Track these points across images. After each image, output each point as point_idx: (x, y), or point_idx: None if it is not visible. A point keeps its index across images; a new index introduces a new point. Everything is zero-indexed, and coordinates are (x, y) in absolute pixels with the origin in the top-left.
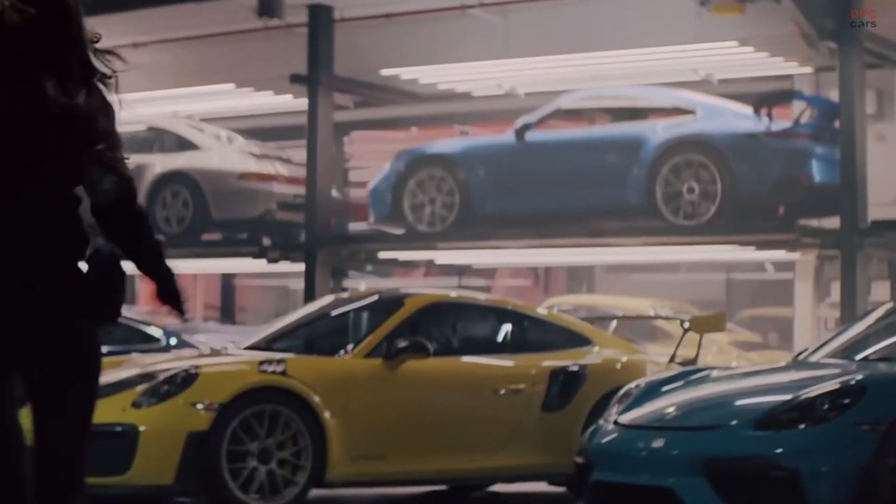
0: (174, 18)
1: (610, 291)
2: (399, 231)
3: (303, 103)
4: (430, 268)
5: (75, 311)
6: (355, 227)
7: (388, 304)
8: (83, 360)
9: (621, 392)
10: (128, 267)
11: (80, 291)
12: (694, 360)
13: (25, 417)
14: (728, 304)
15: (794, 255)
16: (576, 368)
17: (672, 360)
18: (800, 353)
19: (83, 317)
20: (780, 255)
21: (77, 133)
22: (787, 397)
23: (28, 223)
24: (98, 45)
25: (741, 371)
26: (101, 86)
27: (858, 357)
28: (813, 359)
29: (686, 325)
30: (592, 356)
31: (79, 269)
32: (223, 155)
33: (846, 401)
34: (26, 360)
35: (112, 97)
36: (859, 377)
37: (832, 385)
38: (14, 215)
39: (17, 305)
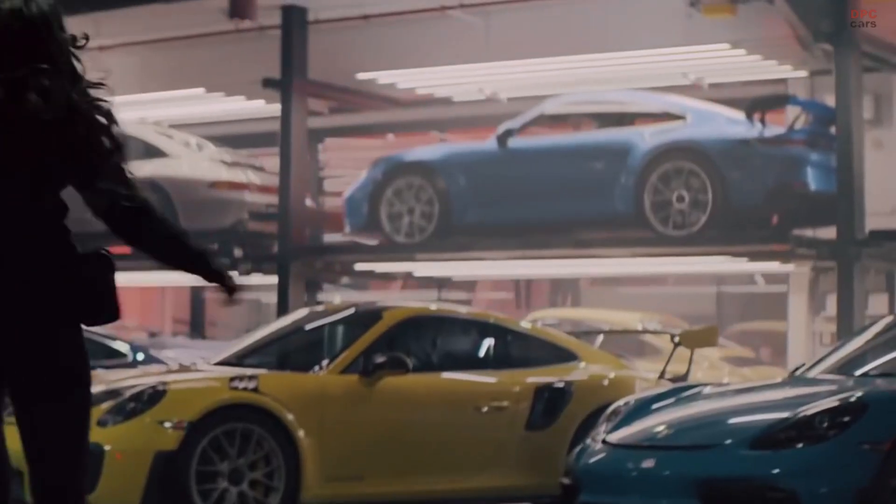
0: (141, 20)
1: (595, 305)
2: (376, 242)
3: (276, 109)
4: (409, 280)
5: (53, 315)
6: (330, 237)
7: (364, 317)
8: (61, 377)
9: (610, 410)
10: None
11: (57, 295)
12: (685, 377)
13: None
14: (719, 317)
15: (788, 267)
16: (561, 385)
17: (662, 376)
18: (796, 369)
19: (65, 322)
20: (773, 266)
21: (39, 139)
22: (785, 415)
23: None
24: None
25: (735, 388)
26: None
27: (858, 373)
28: (810, 375)
29: (677, 339)
30: (579, 372)
31: (57, 274)
32: (193, 163)
33: (846, 419)
34: (4, 371)
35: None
36: (859, 394)
37: (831, 402)
38: None
39: None
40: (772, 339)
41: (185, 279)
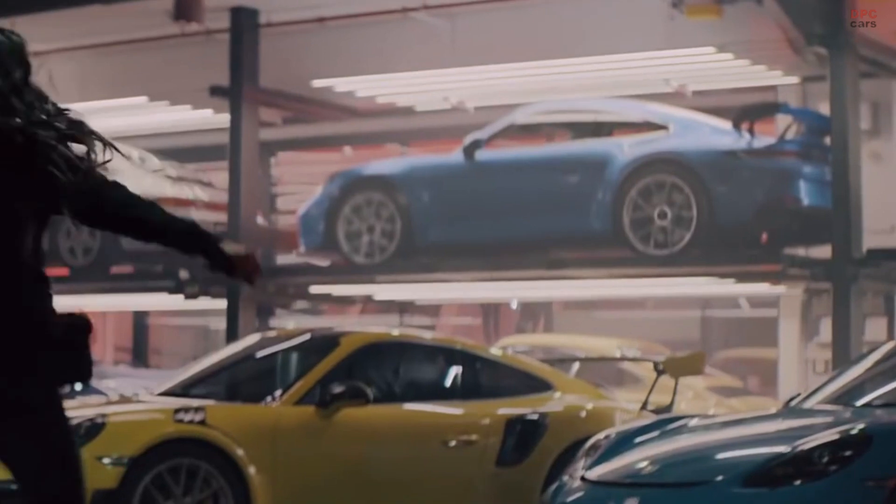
0: (79, 24)
1: (569, 330)
2: (332, 263)
3: (224, 119)
4: (368, 304)
5: (27, 377)
6: (284, 258)
7: (321, 343)
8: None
9: (588, 444)
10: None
11: (32, 360)
12: (669, 407)
13: None
14: (703, 344)
15: (779, 289)
16: (535, 417)
17: (644, 406)
18: (791, 399)
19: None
20: (762, 288)
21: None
22: (781, 449)
23: None
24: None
25: (724, 419)
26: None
27: (858, 403)
28: (806, 405)
29: (660, 367)
30: (554, 403)
31: (33, 338)
32: (135, 177)
33: (848, 453)
34: None
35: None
36: (862, 426)
37: (831, 435)
38: None
39: None
40: (760, 367)
41: (127, 303)
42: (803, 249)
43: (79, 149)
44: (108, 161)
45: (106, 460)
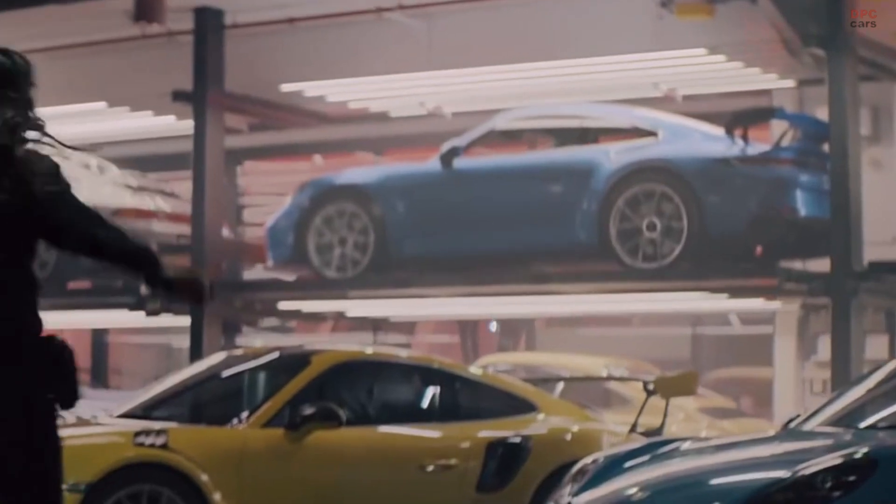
0: (33, 25)
1: (552, 348)
2: (300, 277)
3: (188, 126)
4: (340, 321)
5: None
6: (251, 272)
7: (290, 362)
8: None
9: (575, 469)
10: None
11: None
12: (660, 430)
13: None
14: (694, 363)
15: (774, 305)
16: (517, 440)
17: (633, 429)
18: (790, 421)
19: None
20: (757, 304)
21: None
22: (781, 474)
23: None
24: None
25: (719, 442)
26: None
27: (862, 425)
28: (807, 427)
29: (650, 387)
30: (537, 425)
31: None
32: (93, 187)
33: (852, 478)
34: None
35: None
36: (866, 450)
37: (834, 459)
38: None
39: None
40: (754, 387)
41: (85, 320)
42: (800, 262)
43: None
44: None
45: (62, 487)
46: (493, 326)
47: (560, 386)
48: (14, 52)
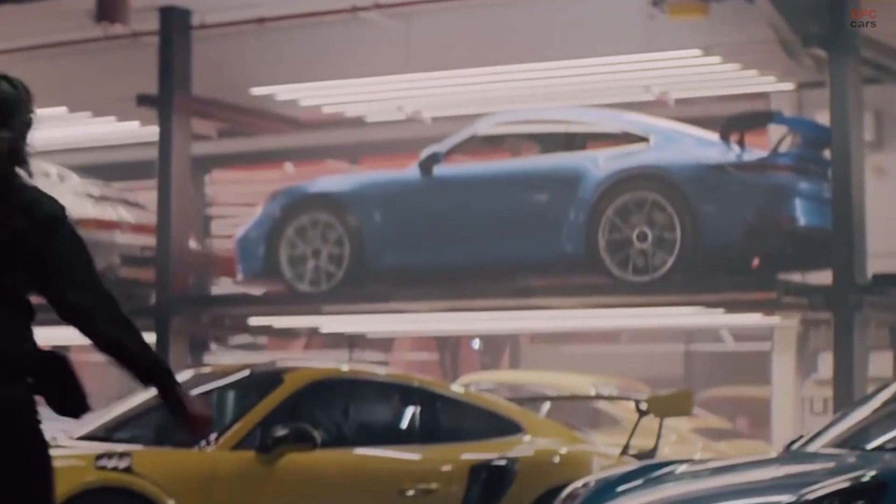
0: None
1: (536, 366)
2: (271, 291)
3: (153, 132)
4: (314, 338)
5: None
6: (219, 286)
7: (262, 381)
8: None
9: (565, 493)
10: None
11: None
12: (653, 452)
13: None
14: (687, 381)
15: (772, 320)
16: (503, 463)
17: (625, 451)
18: (793, 442)
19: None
20: (754, 319)
21: None
22: (784, 499)
23: None
24: None
25: (717, 465)
26: None
27: (869, 446)
28: (810, 448)
29: (643, 406)
30: (523, 447)
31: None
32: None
33: (860, 502)
34: None
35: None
36: (874, 472)
37: (841, 483)
38: None
39: None
40: (750, 407)
41: (44, 337)
42: (800, 275)
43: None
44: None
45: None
46: (476, 344)
47: (546, 406)
48: (14, 79)
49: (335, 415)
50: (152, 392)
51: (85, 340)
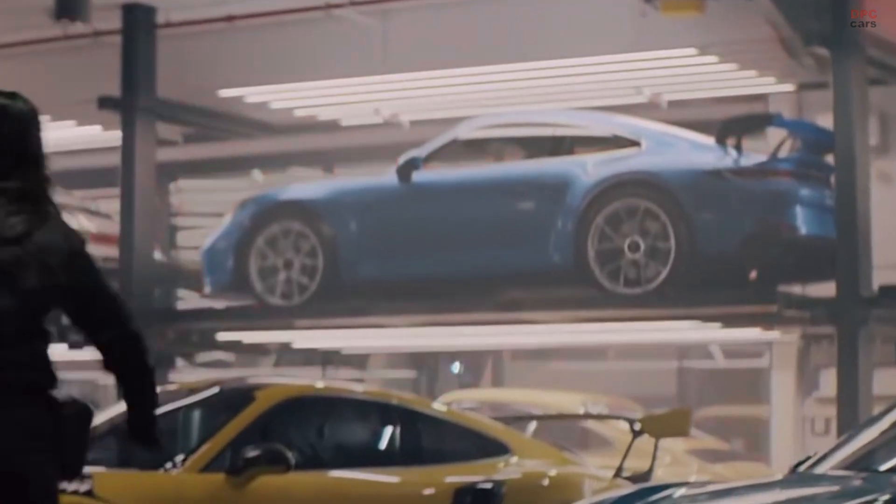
0: None
1: (518, 383)
2: (240, 305)
3: (116, 137)
4: (285, 354)
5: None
6: (186, 300)
7: (232, 398)
8: None
9: None
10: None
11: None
12: (648, 474)
13: None
14: (680, 400)
15: (771, 335)
16: (489, 486)
17: (618, 473)
18: (799, 464)
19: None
20: (752, 334)
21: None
22: None
23: None
24: None
25: (718, 488)
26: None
27: (882, 468)
28: (818, 471)
29: (637, 426)
30: (510, 469)
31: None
32: None
33: None
34: None
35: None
36: (887, 497)
37: None
38: None
39: None
40: (748, 427)
41: None
42: (801, 287)
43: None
44: None
45: None
46: (456, 367)
47: (532, 426)
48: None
49: (310, 435)
50: (115, 412)
51: None
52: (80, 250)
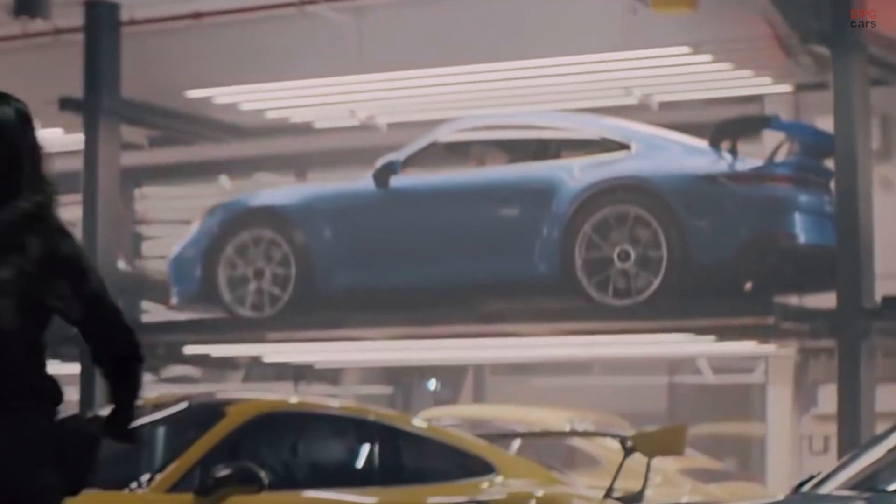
0: None
1: (500, 399)
2: (208, 316)
3: (78, 140)
4: (255, 368)
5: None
6: (151, 312)
7: (201, 414)
8: None
9: None
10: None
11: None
12: (640, 494)
13: None
14: (671, 417)
15: (767, 348)
16: None
17: (609, 493)
18: (802, 483)
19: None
20: (748, 347)
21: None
22: None
23: None
24: None
25: None
26: None
27: (889, 488)
28: (823, 490)
29: (629, 444)
30: (495, 489)
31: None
32: None
33: None
34: None
35: None
36: None
37: None
38: None
39: None
40: (742, 445)
41: None
42: (798, 298)
43: None
44: None
45: None
46: (432, 385)
47: (516, 444)
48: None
49: (284, 453)
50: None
51: None
52: (90, 264)
